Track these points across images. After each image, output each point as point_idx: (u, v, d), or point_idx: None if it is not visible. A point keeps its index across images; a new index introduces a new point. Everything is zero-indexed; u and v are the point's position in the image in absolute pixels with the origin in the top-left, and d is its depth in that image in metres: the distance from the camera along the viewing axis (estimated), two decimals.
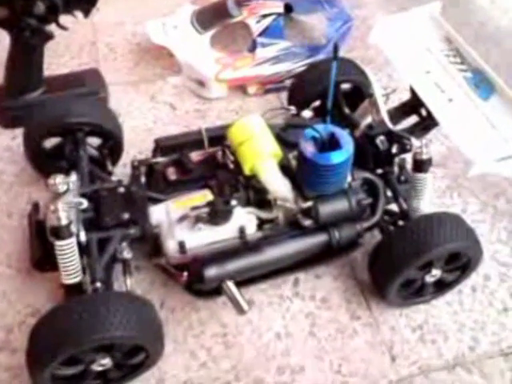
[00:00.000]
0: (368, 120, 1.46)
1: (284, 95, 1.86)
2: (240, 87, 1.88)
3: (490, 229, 1.56)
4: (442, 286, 1.35)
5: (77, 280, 1.18)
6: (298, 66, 1.88)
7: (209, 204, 1.25)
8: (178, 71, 1.90)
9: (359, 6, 2.23)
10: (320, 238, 1.30)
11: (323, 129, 1.26)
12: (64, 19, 1.54)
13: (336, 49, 1.35)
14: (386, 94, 1.46)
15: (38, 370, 1.05)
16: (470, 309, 1.39)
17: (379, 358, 1.30)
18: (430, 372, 1.28)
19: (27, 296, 1.35)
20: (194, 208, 1.25)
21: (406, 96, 1.53)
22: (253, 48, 1.87)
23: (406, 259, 1.21)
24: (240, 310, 1.21)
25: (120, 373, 1.17)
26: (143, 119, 1.78)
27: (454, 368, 1.29)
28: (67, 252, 1.16)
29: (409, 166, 1.41)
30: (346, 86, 1.61)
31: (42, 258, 1.25)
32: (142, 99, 1.85)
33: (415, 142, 1.31)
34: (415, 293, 1.34)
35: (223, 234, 1.27)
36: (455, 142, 1.25)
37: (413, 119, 1.52)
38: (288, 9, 2.09)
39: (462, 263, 1.29)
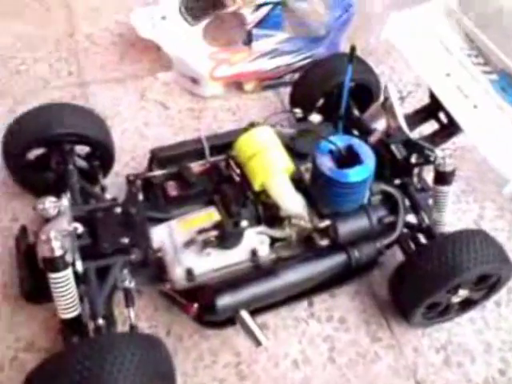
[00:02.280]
0: (380, 124, 1.36)
1: (283, 92, 1.74)
2: (236, 84, 1.75)
3: (509, 236, 1.48)
4: (467, 305, 1.26)
5: (75, 314, 1.05)
6: (298, 59, 1.75)
7: (217, 226, 1.13)
8: (168, 66, 1.75)
9: None
10: (338, 259, 1.20)
11: (340, 141, 1.15)
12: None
13: (353, 50, 1.24)
14: (402, 97, 1.35)
15: None
16: (495, 326, 1.31)
17: (404, 383, 1.22)
18: None
19: (18, 327, 1.22)
20: (201, 231, 1.13)
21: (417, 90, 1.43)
22: (248, 41, 1.72)
23: (434, 284, 1.12)
24: (257, 343, 1.10)
25: None
26: (133, 121, 1.63)
27: None
28: (63, 285, 1.02)
29: (425, 173, 1.32)
30: (350, 85, 1.49)
31: (34, 290, 1.11)
32: (131, 98, 1.70)
33: (439, 153, 1.20)
34: (440, 313, 1.25)
35: (234, 257, 1.16)
36: (484, 155, 1.15)
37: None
38: None
39: (491, 283, 1.20)
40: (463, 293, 1.19)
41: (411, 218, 1.30)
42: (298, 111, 1.44)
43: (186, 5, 1.76)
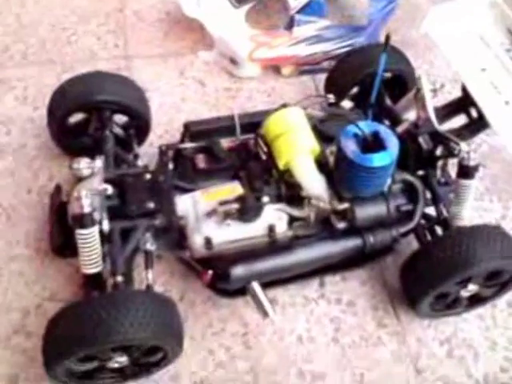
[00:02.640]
0: (411, 115, 1.37)
1: (319, 78, 1.76)
2: (274, 67, 1.79)
3: None
4: (476, 301, 1.28)
5: (97, 270, 1.13)
6: (336, 47, 1.77)
7: (239, 199, 1.18)
8: (209, 46, 1.80)
9: None
10: (353, 242, 1.23)
11: (367, 126, 1.17)
12: None
13: (387, 38, 1.26)
14: (434, 89, 1.36)
15: (53, 365, 1.02)
16: (504, 325, 1.32)
17: (403, 371, 1.25)
18: None
19: (45, 278, 1.31)
20: (223, 203, 1.18)
21: (452, 89, 1.43)
22: (290, 26, 1.76)
23: (445, 274, 1.14)
24: (264, 314, 1.15)
25: (136, 370, 1.14)
26: (171, 96, 1.70)
27: None
28: (89, 241, 1.10)
29: (450, 167, 1.32)
30: (386, 75, 1.50)
31: (63, 244, 1.19)
32: (171, 74, 1.76)
33: (464, 146, 1.21)
34: (447, 306, 1.27)
35: (252, 231, 1.20)
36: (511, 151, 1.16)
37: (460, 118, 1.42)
38: None
39: (502, 280, 1.21)
40: (473, 288, 1.20)
41: (431, 211, 1.32)
42: (331, 96, 1.46)
43: None
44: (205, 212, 1.20)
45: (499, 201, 1.55)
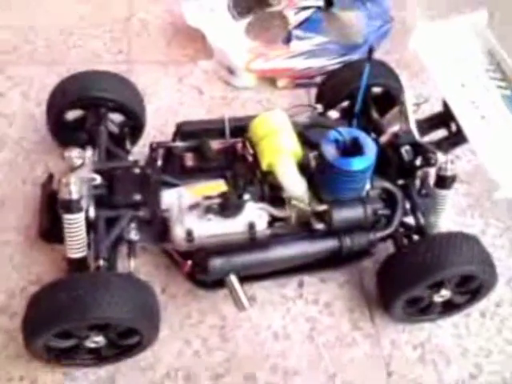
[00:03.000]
0: (396, 128, 1.42)
1: (313, 92, 1.82)
2: (270, 79, 1.85)
3: (508, 254, 1.51)
4: (449, 307, 1.31)
5: (81, 255, 1.18)
6: (331, 63, 1.83)
7: (221, 195, 1.23)
8: (209, 56, 1.87)
9: (400, 7, 2.16)
10: (330, 244, 1.27)
11: (347, 132, 1.23)
12: None
13: (371, 51, 1.31)
14: (418, 103, 1.41)
15: (31, 339, 1.06)
16: (476, 334, 1.35)
17: (375, 372, 1.27)
18: None
19: (32, 264, 1.36)
20: (207, 198, 1.23)
21: (438, 107, 1.48)
22: (288, 40, 1.83)
23: (417, 277, 1.18)
24: (240, 307, 1.19)
25: (113, 351, 1.17)
26: (168, 100, 1.76)
27: None
28: (75, 226, 1.15)
29: (432, 180, 1.37)
30: (377, 90, 1.56)
31: (50, 230, 1.25)
32: (170, 80, 1.83)
33: (440, 156, 1.26)
34: (421, 311, 1.30)
35: (232, 227, 1.25)
36: (482, 161, 1.20)
37: (441, 132, 1.47)
38: (329, 3, 2.04)
39: (473, 287, 1.25)
40: (445, 293, 1.23)
41: (411, 221, 1.36)
42: (319, 106, 1.52)
43: (235, 2, 1.89)
44: (188, 205, 1.25)
45: (481, 217, 1.59)
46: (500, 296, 1.41)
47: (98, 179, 1.24)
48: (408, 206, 1.35)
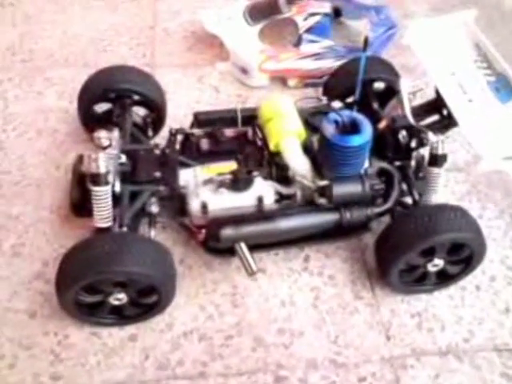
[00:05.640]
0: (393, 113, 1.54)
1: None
2: (281, 79, 2.00)
3: (503, 235, 1.60)
4: (444, 278, 1.40)
5: (108, 225, 1.31)
6: (337, 64, 1.96)
7: (232, 172, 1.36)
8: (225, 59, 2.03)
9: (406, 15, 2.31)
10: (332, 217, 1.39)
11: (346, 115, 1.35)
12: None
13: (366, 41, 1.45)
14: (413, 91, 1.53)
15: (63, 291, 1.19)
16: (471, 305, 1.44)
17: (375, 336, 1.37)
18: (422, 355, 1.34)
19: (62, 237, 1.51)
20: (220, 174, 1.36)
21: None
22: (298, 43, 1.98)
23: (410, 241, 1.28)
24: (249, 270, 1.30)
25: (134, 311, 1.30)
26: (187, 97, 1.92)
27: (445, 355, 1.34)
28: (102, 198, 1.29)
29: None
30: (379, 86, 1.68)
31: (80, 204, 1.39)
32: (190, 80, 1.99)
33: (432, 136, 1.38)
34: (417, 281, 1.40)
35: (243, 200, 1.37)
36: (468, 139, 1.32)
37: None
38: (337, 13, 2.20)
39: (464, 255, 1.34)
40: (438, 262, 1.33)
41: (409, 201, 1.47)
42: (324, 98, 1.65)
43: (250, 10, 2.05)
44: (202, 181, 1.38)
45: (478, 202, 1.69)
46: (494, 272, 1.50)
47: (123, 158, 1.39)
48: (405, 186, 1.46)
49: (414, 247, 1.28)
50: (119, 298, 1.24)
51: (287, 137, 1.40)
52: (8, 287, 1.40)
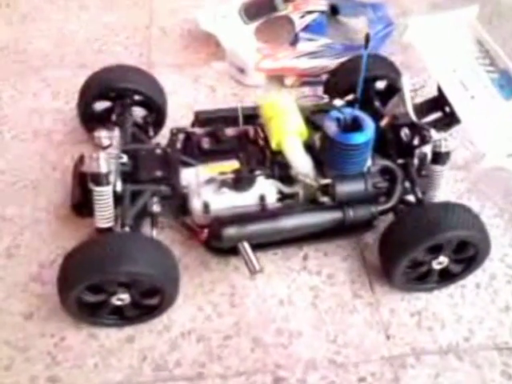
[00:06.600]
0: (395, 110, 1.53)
1: (319, 89, 1.95)
2: (278, 77, 1.99)
3: (503, 233, 1.60)
4: (446, 277, 1.40)
5: (109, 225, 1.29)
6: (335, 62, 1.96)
7: (235, 171, 1.35)
8: (222, 59, 2.02)
9: (404, 13, 2.30)
10: (334, 215, 1.37)
11: (348, 112, 1.35)
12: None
13: (367, 39, 1.44)
14: (415, 89, 1.53)
15: (67, 291, 1.18)
16: (471, 303, 1.43)
17: (374, 335, 1.36)
18: (422, 354, 1.33)
19: (60, 239, 1.49)
20: (221, 173, 1.35)
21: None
22: (294, 42, 1.97)
23: (415, 240, 1.28)
24: (252, 269, 1.28)
25: (134, 312, 1.29)
26: (185, 97, 1.91)
27: (446, 354, 1.34)
28: (103, 198, 1.27)
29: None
30: (381, 85, 1.68)
31: (80, 204, 1.38)
32: (186, 80, 1.98)
33: (435, 134, 1.37)
34: (420, 278, 1.39)
35: (245, 200, 1.36)
36: (470, 135, 1.31)
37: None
38: (334, 11, 2.19)
39: (469, 254, 1.34)
40: (443, 259, 1.33)
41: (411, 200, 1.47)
42: (325, 96, 1.64)
43: (245, 8, 2.04)
44: (204, 180, 1.37)
45: (477, 200, 1.69)
46: (494, 270, 1.50)
47: (125, 158, 1.37)
48: (407, 184, 1.46)
49: (422, 243, 1.27)
50: (122, 298, 1.23)
51: (289, 135, 1.39)
52: (3, 289, 1.38)
